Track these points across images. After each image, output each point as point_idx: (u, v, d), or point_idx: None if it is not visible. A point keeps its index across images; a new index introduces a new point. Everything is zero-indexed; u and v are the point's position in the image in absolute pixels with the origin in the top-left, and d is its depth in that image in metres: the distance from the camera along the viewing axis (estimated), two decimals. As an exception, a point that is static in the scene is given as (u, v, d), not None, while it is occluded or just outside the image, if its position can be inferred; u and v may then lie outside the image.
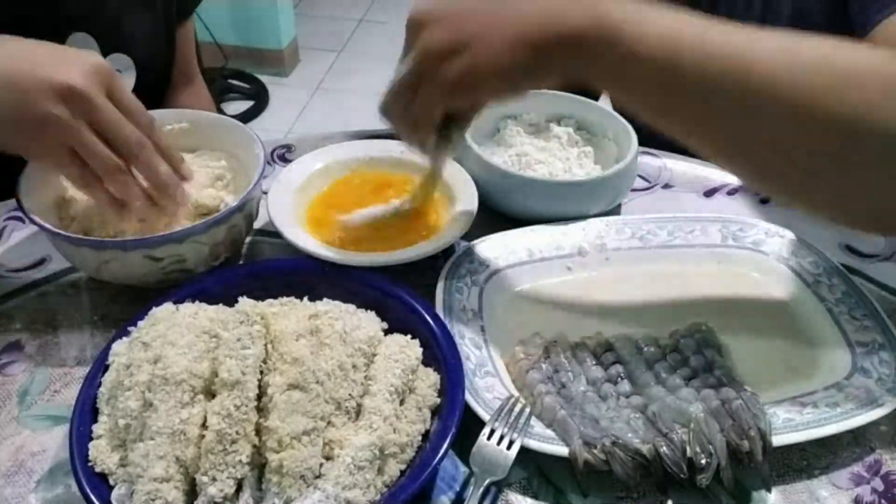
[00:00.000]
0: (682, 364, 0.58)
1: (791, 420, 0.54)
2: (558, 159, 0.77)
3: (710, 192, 0.81)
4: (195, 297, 0.57)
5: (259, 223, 0.71)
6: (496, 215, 0.73)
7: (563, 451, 0.52)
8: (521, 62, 0.52)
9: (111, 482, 0.48)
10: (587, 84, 0.54)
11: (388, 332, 0.57)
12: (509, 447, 0.52)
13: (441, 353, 0.55)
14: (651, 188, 0.81)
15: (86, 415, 0.51)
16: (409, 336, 0.56)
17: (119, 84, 0.59)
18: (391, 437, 0.50)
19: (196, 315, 0.53)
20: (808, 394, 0.57)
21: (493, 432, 0.52)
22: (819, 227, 0.72)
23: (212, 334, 0.51)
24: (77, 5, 0.78)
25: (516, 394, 0.56)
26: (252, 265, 0.70)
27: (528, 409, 0.54)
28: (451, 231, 0.66)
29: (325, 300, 0.57)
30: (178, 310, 0.54)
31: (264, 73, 2.74)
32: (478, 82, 0.53)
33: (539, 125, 0.82)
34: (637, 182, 0.79)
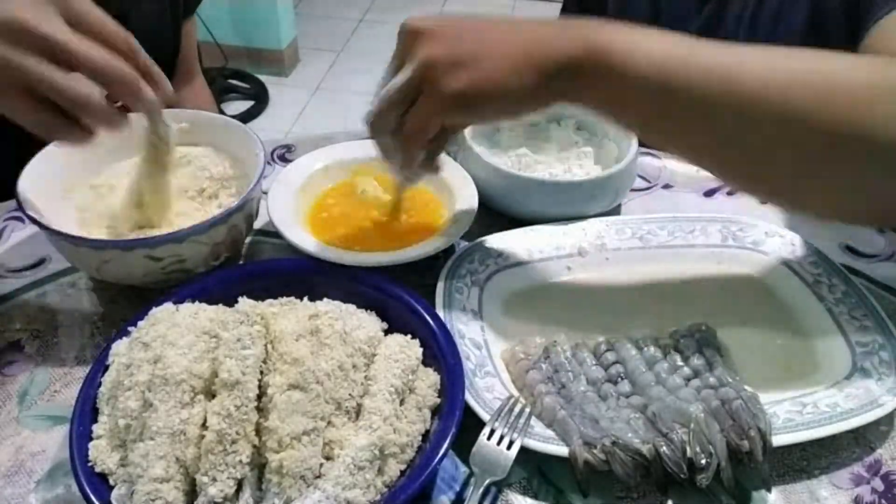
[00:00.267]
0: (682, 364, 0.58)
1: (791, 420, 0.54)
2: (558, 160, 0.77)
3: (710, 192, 0.81)
4: (195, 297, 0.57)
5: (259, 223, 0.71)
6: (496, 215, 0.73)
7: (563, 451, 0.52)
8: (529, 85, 0.51)
9: (111, 482, 0.48)
10: (585, 108, 0.54)
11: (388, 332, 0.57)
12: (509, 447, 0.52)
13: (441, 353, 0.55)
14: (651, 188, 0.81)
15: (86, 415, 0.51)
16: (409, 336, 0.56)
17: (79, 6, 0.53)
18: (391, 437, 0.50)
19: (196, 315, 0.53)
20: (808, 394, 0.57)
21: (493, 432, 0.52)
22: (819, 227, 0.72)
23: (212, 334, 0.51)
24: None
25: (516, 394, 0.56)
26: (252, 265, 0.70)
27: (528, 409, 0.54)
28: (451, 231, 0.66)
29: (325, 300, 0.56)
30: (178, 310, 0.54)
31: (264, 73, 2.74)
32: (481, 99, 0.52)
33: (539, 125, 0.82)
34: (637, 182, 0.79)
